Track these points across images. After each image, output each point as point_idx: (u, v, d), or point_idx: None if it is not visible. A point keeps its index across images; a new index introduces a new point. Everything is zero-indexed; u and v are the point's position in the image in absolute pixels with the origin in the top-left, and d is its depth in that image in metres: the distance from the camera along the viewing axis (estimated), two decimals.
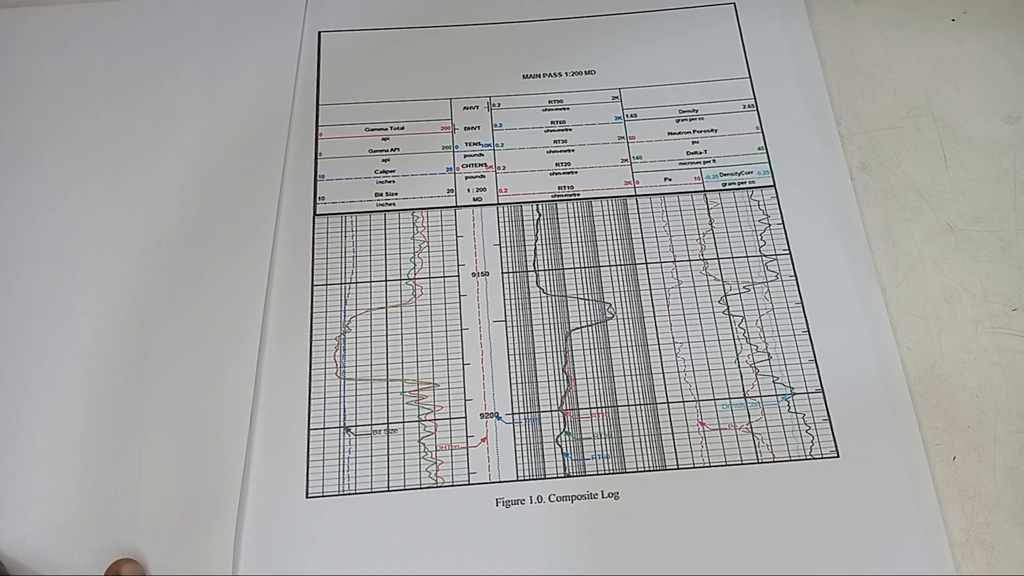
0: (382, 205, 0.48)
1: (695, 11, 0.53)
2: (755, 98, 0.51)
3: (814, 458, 0.41)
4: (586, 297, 0.46)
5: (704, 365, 0.44)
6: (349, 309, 0.45)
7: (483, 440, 0.42)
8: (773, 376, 0.44)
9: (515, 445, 0.42)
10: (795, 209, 0.47)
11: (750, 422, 0.43)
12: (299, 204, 0.47)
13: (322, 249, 0.46)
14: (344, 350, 0.44)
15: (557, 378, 0.44)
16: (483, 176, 0.49)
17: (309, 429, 0.42)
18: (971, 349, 0.44)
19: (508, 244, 0.47)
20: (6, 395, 0.42)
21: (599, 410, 0.43)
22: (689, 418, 0.43)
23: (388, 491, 0.41)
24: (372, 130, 0.50)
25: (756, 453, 0.42)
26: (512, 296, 0.46)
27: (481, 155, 0.49)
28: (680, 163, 0.49)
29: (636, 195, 0.48)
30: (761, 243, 0.47)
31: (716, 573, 0.39)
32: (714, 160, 0.49)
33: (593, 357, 0.44)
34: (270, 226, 0.46)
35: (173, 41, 0.52)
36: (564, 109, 0.50)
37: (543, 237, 0.47)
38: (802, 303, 0.45)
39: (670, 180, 0.49)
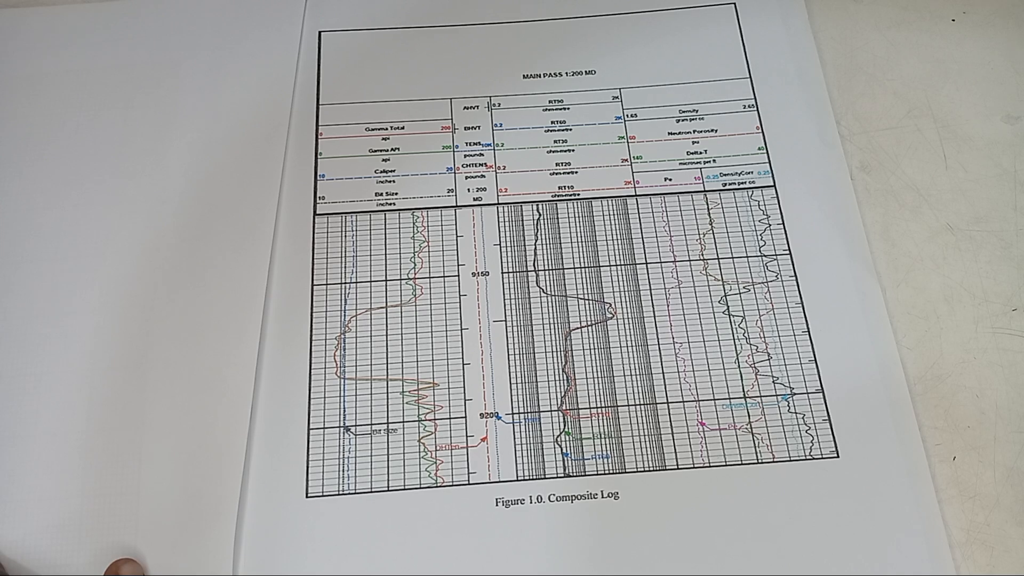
0: (382, 205, 0.48)
1: (695, 11, 0.53)
2: (755, 98, 0.51)
3: (814, 458, 0.41)
4: (586, 297, 0.46)
5: (704, 365, 0.44)
6: (349, 309, 0.45)
7: (483, 440, 0.42)
8: (773, 376, 0.44)
9: (515, 445, 0.42)
10: (795, 209, 0.47)
11: (750, 422, 0.42)
12: (299, 204, 0.47)
13: (322, 249, 0.46)
14: (344, 350, 0.44)
15: (557, 378, 0.44)
16: (483, 176, 0.49)
17: (309, 429, 0.42)
18: (971, 349, 0.44)
19: (508, 244, 0.47)
20: (6, 395, 0.42)
21: (599, 410, 0.43)
22: (689, 418, 0.43)
23: (388, 491, 0.41)
24: (372, 130, 0.50)
25: (756, 453, 0.42)
26: (512, 296, 0.46)
27: (481, 155, 0.49)
28: (680, 163, 0.49)
29: (636, 195, 0.48)
30: (761, 243, 0.47)
31: (716, 573, 0.39)
32: (714, 160, 0.49)
33: (593, 357, 0.44)
34: (270, 226, 0.46)
35: (173, 41, 0.52)
36: (564, 109, 0.50)
37: (543, 237, 0.47)
38: (802, 303, 0.45)
39: (670, 180, 0.49)
